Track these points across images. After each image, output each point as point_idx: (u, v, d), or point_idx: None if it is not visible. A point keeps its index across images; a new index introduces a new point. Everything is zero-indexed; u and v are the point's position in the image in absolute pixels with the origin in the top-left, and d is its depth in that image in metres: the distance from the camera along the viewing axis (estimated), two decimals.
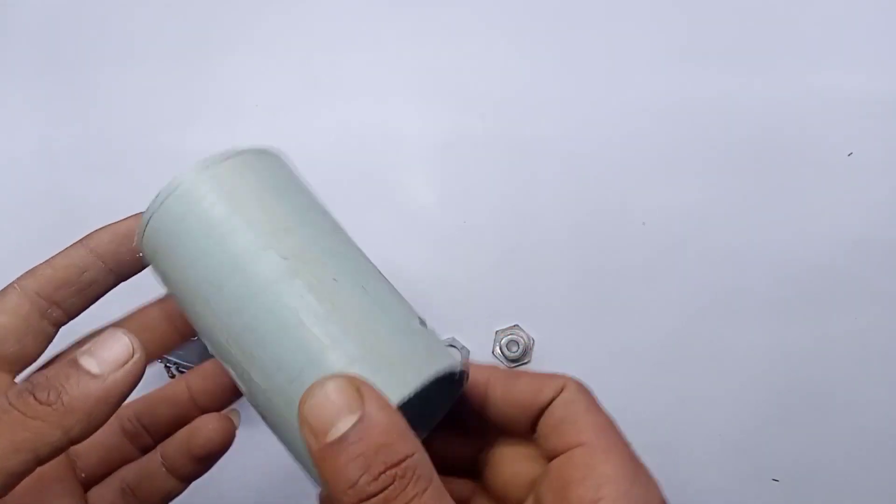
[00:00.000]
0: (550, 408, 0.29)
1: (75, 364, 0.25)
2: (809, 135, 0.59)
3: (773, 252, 0.57)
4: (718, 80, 0.60)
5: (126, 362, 0.26)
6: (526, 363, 0.57)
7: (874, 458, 0.55)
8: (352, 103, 0.62)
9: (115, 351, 0.26)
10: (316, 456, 0.23)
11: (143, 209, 0.31)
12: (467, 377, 0.29)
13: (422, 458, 0.23)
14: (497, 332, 0.57)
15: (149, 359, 0.29)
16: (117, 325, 0.34)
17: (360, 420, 0.22)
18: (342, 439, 0.22)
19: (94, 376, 0.25)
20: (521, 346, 0.56)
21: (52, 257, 0.33)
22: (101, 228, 0.34)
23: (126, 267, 0.34)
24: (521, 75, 0.61)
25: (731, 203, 0.58)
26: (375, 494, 0.22)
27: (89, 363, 0.26)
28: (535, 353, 0.57)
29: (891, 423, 0.56)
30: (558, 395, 0.29)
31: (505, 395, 0.29)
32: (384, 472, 0.22)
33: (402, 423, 0.23)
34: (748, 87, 0.60)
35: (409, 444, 0.23)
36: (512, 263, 0.58)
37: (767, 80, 0.60)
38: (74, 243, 0.34)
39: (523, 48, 0.62)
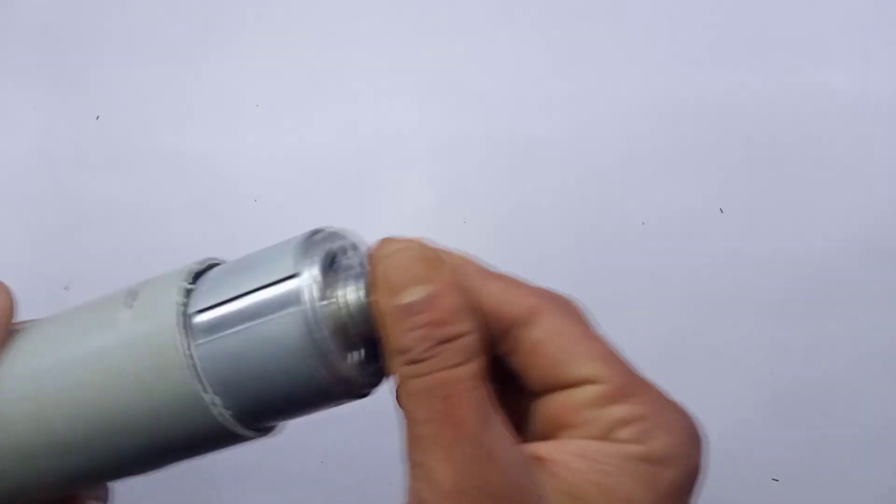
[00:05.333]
0: (533, 332, 0.25)
1: None
2: (809, 135, 0.59)
3: (772, 252, 0.57)
4: (718, 80, 0.60)
5: None
6: None
7: (874, 457, 0.55)
8: (352, 103, 0.62)
9: None
10: (383, 311, 0.24)
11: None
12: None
13: (474, 339, 0.24)
14: None
15: None
16: None
17: (430, 294, 0.23)
18: (409, 307, 0.23)
19: None
20: None
21: None
22: None
23: None
24: (520, 75, 0.61)
25: (732, 202, 0.58)
26: (423, 360, 0.23)
27: None
28: None
29: (891, 422, 0.56)
30: (533, 316, 0.25)
31: (470, 292, 0.26)
32: (437, 345, 0.23)
33: (466, 302, 0.24)
34: (748, 87, 0.60)
35: (468, 324, 0.24)
36: (512, 263, 0.58)
37: (767, 80, 0.60)
38: None
39: (524, 48, 0.62)
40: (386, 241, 0.26)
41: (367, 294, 0.25)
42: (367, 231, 0.62)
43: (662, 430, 0.23)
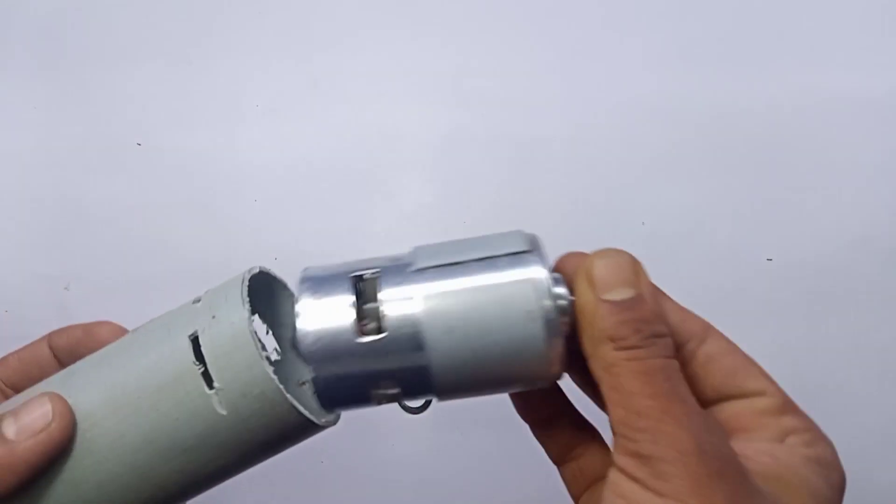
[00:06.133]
0: (707, 347, 0.29)
1: None
2: (809, 135, 0.59)
3: (772, 252, 0.58)
4: (718, 80, 0.60)
5: (41, 431, 0.27)
6: None
7: (874, 457, 0.55)
8: (352, 103, 0.62)
9: (34, 417, 0.27)
10: (588, 304, 0.27)
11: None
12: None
13: (672, 342, 0.27)
14: None
15: None
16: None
17: (638, 296, 0.27)
18: (622, 304, 0.26)
19: (5, 441, 0.26)
20: None
21: (20, 350, 0.35)
22: (61, 330, 0.36)
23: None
24: (521, 75, 0.61)
25: (731, 203, 0.58)
26: (640, 347, 0.26)
27: (8, 426, 0.27)
28: None
29: (891, 422, 0.56)
30: (706, 334, 0.30)
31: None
32: (650, 337, 0.26)
33: (662, 310, 0.27)
34: (748, 87, 0.60)
35: (665, 328, 0.27)
36: None
37: (767, 81, 0.60)
38: (41, 339, 0.36)
39: (523, 48, 0.62)
40: (597, 253, 0.29)
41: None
42: (368, 231, 0.62)
43: (822, 442, 0.28)
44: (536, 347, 0.27)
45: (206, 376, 0.28)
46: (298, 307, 0.27)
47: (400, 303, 0.27)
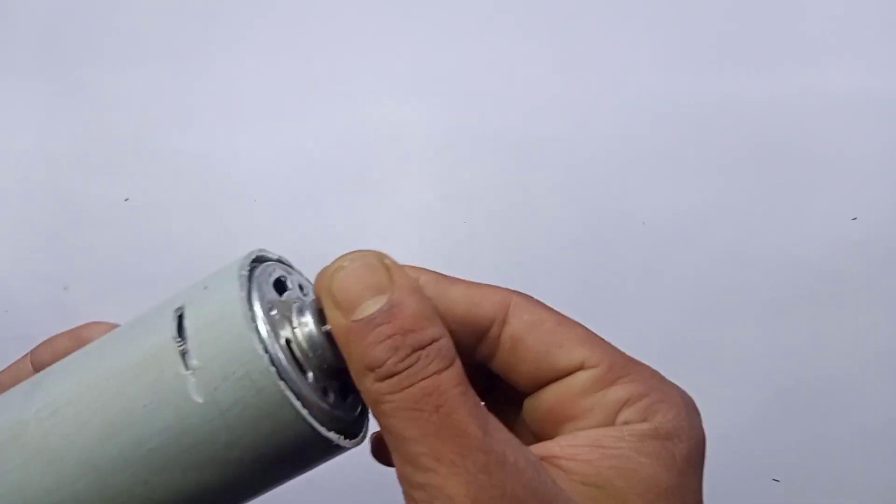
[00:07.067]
0: (508, 329, 0.24)
1: None
2: (809, 135, 0.59)
3: (773, 252, 0.57)
4: (718, 80, 0.60)
5: None
6: None
7: (874, 457, 0.55)
8: (352, 103, 0.62)
9: None
10: (341, 332, 0.22)
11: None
12: None
13: (448, 343, 0.22)
14: None
15: None
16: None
17: (389, 301, 0.22)
18: (371, 319, 0.21)
19: None
20: None
21: (3, 370, 0.32)
22: (44, 343, 0.32)
23: None
24: (521, 75, 0.61)
25: (731, 203, 0.58)
26: (400, 372, 0.21)
27: None
28: None
29: (891, 422, 0.56)
30: (505, 311, 0.24)
31: (435, 300, 0.25)
32: (410, 354, 0.21)
33: (429, 306, 0.22)
34: (748, 88, 0.60)
35: (437, 329, 0.22)
36: (512, 263, 0.58)
37: (767, 81, 0.60)
38: (23, 357, 0.32)
39: (523, 48, 0.62)
40: (335, 262, 0.23)
41: (320, 319, 0.23)
42: (368, 231, 0.62)
43: (665, 405, 0.23)
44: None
45: (186, 355, 0.22)
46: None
47: None
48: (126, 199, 0.57)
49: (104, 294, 0.60)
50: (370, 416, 0.24)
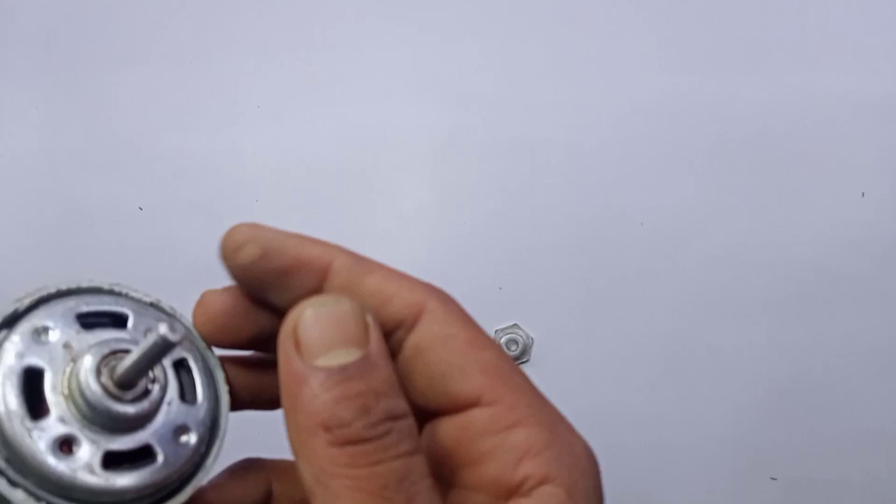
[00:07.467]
0: (414, 336, 0.21)
1: None
2: (808, 135, 0.59)
3: (772, 252, 0.58)
4: (718, 80, 0.60)
5: None
6: (525, 362, 0.57)
7: (873, 457, 0.55)
8: (352, 103, 0.62)
9: None
10: (294, 378, 0.19)
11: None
12: None
13: (414, 424, 0.20)
14: (497, 330, 0.57)
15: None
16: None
17: (365, 357, 0.19)
18: (341, 370, 0.18)
19: None
20: (520, 345, 0.56)
21: None
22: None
23: None
24: (521, 76, 0.61)
25: (730, 203, 0.58)
26: (370, 440, 0.18)
27: None
28: (535, 352, 0.57)
29: (890, 422, 0.56)
30: (417, 317, 0.21)
31: (347, 289, 0.22)
32: (384, 421, 0.18)
33: (396, 378, 0.20)
34: (747, 88, 0.60)
35: (406, 404, 0.19)
36: (511, 263, 0.58)
37: (766, 81, 0.60)
38: None
39: (523, 49, 0.62)
40: (308, 302, 0.20)
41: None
42: (368, 231, 0.62)
43: (569, 460, 0.20)
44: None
45: None
46: None
47: None
48: (140, 209, 0.57)
49: None
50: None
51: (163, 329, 0.19)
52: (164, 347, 0.19)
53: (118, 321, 0.23)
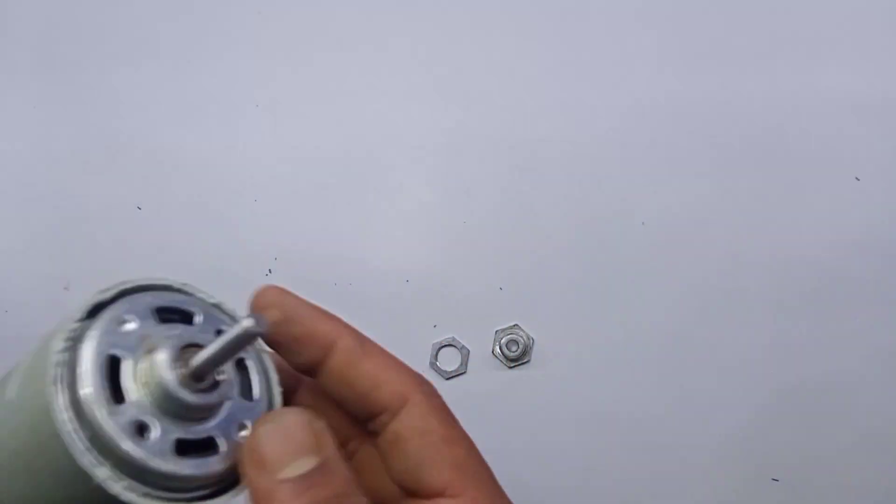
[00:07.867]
0: (396, 424, 0.24)
1: None
2: (809, 135, 0.59)
3: (775, 253, 0.57)
4: (718, 80, 0.60)
5: None
6: (525, 362, 0.57)
7: (874, 457, 0.55)
8: (352, 103, 0.62)
9: None
10: (262, 491, 0.20)
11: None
12: None
13: None
14: (497, 331, 0.57)
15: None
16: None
17: (323, 464, 0.20)
18: (303, 480, 0.20)
19: None
20: (520, 346, 0.56)
21: None
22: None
23: None
24: (521, 75, 0.61)
25: (731, 203, 0.58)
26: None
27: None
28: (535, 353, 0.57)
29: (891, 422, 0.56)
30: (401, 406, 0.24)
31: (345, 371, 0.25)
32: None
33: (353, 475, 0.21)
34: (748, 88, 0.60)
35: (362, 499, 0.21)
36: (512, 263, 0.58)
37: (767, 81, 0.60)
38: None
39: (523, 49, 0.62)
40: (259, 421, 0.22)
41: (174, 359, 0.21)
42: (368, 231, 0.62)
43: None
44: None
45: (7, 387, 0.23)
46: None
47: None
48: (139, 208, 0.57)
49: None
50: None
51: (247, 322, 0.20)
52: (245, 339, 0.21)
53: (186, 318, 0.24)
